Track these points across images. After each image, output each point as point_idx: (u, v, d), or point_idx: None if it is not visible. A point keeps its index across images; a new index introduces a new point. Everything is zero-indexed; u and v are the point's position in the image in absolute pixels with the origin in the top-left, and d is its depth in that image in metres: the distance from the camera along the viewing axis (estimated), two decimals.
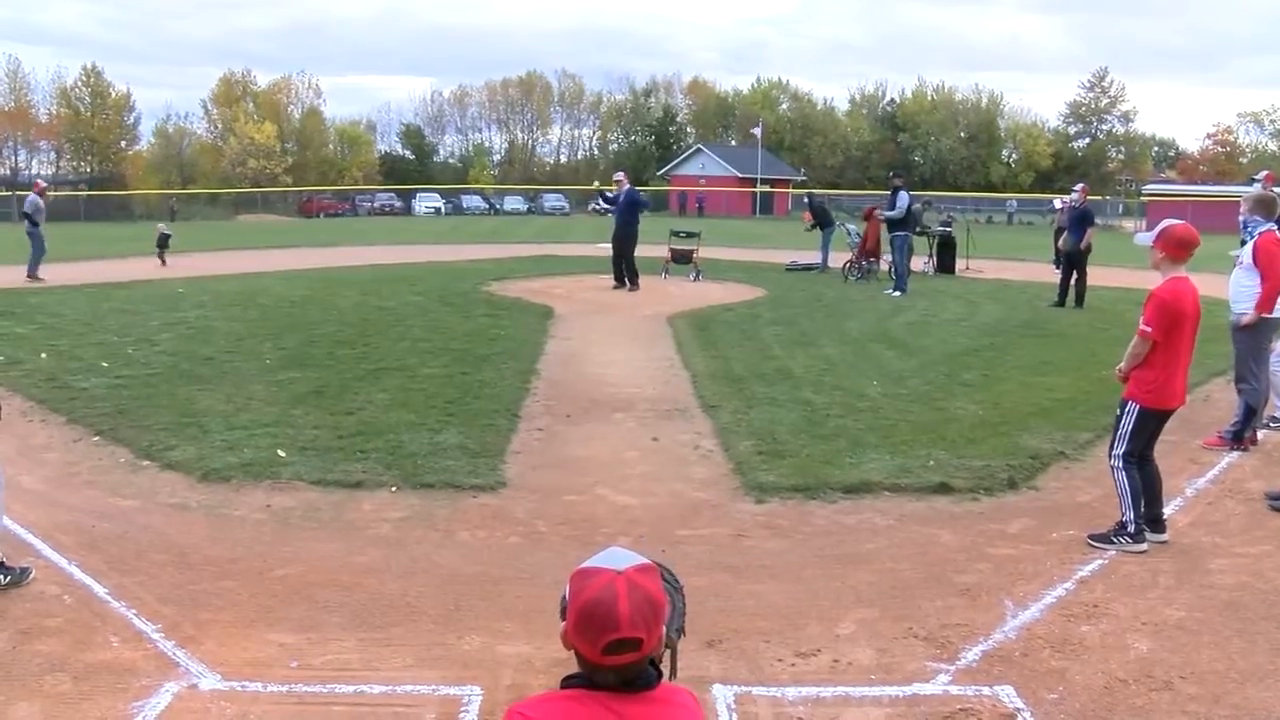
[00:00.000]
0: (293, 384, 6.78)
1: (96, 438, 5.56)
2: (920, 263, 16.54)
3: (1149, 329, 3.92)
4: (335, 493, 4.65)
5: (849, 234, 15.84)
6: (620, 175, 13.95)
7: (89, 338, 8.72)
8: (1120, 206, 46.02)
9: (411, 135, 70.28)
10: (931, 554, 4.01)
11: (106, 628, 3.29)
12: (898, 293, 13.01)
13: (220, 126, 56.62)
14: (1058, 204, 18.28)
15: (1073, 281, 12.12)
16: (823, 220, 17.16)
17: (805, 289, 13.78)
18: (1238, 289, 5.72)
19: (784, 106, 74.50)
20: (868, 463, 5.10)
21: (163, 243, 17.59)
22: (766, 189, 56.58)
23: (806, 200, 18.52)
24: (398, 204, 52.63)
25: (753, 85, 75.23)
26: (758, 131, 55.27)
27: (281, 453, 5.13)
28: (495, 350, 8.22)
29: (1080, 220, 12.28)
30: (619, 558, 1.30)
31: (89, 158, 51.05)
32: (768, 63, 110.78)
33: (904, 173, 16.83)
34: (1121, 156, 62.94)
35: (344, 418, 5.86)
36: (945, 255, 16.72)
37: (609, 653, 1.26)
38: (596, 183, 48.67)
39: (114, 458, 5.22)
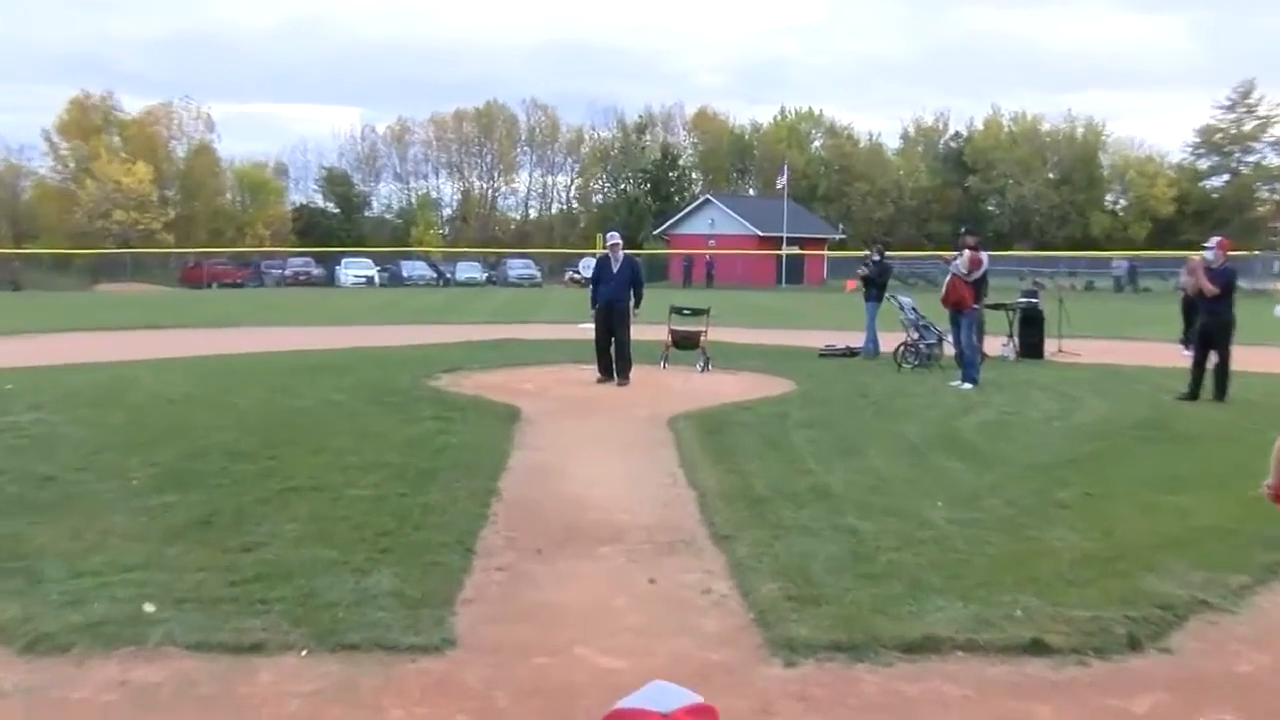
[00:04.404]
0: (169, 512, 6.84)
1: None
2: (998, 345, 16.77)
3: None
4: (222, 659, 4.65)
5: (902, 309, 16.09)
6: (615, 237, 14.48)
7: None
8: (1276, 264, 46.55)
9: (335, 182, 72.18)
10: None
11: None
12: (967, 384, 13.28)
13: (72, 165, 57.49)
14: (1183, 275, 18.55)
15: (1211, 366, 12.26)
16: (878, 284, 17.49)
17: (846, 380, 14.02)
18: None
19: (817, 144, 76.80)
20: (933, 612, 5.15)
21: None
22: (795, 251, 57.86)
23: (875, 254, 18.13)
24: (317, 271, 53.70)
25: (775, 117, 77.90)
26: (783, 181, 56.82)
27: (149, 607, 5.12)
28: (444, 464, 8.36)
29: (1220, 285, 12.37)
30: (666, 695, 1.29)
31: None
32: (791, 86, 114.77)
33: (977, 230, 17.30)
34: (1277, 197, 62.54)
35: (239, 556, 5.91)
36: (1030, 334, 17.01)
37: None
38: (572, 272, 48.95)
39: None
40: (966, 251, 14.22)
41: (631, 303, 13.90)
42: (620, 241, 14.30)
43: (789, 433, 10.01)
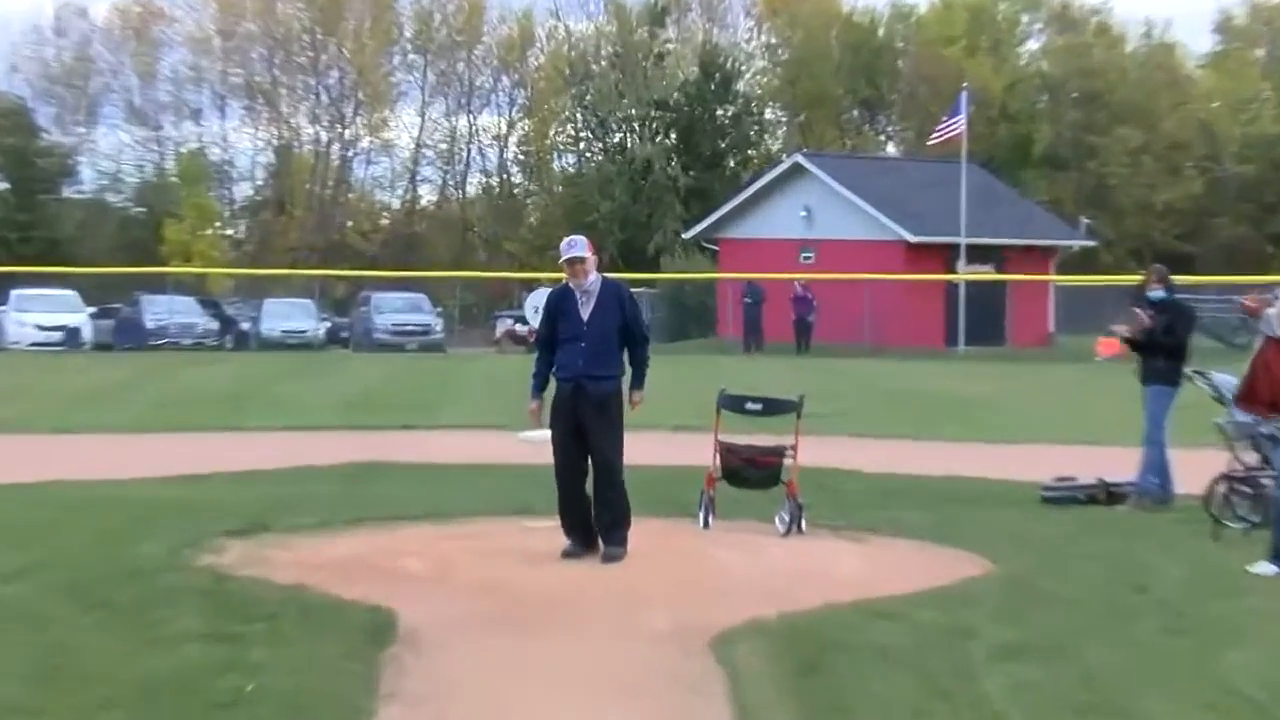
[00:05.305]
0: None
1: None
2: None
3: None
4: None
5: (1222, 400, 16.42)
6: (576, 246, 14.54)
7: None
8: None
9: (6, 123, 73.28)
10: None
11: None
12: None
13: None
14: None
15: None
16: (1166, 349, 17.51)
17: (1100, 555, 14.24)
18: None
19: (1031, 47, 77.65)
20: None
21: None
22: (985, 274, 58.12)
23: (1158, 285, 18.08)
24: None
25: None
26: (959, 127, 56.92)
27: None
28: None
29: None
30: None
31: None
32: None
33: None
34: None
35: None
36: None
37: None
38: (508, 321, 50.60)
39: None
40: None
41: (624, 381, 13.95)
42: (587, 255, 14.29)
43: (976, 669, 9.86)
